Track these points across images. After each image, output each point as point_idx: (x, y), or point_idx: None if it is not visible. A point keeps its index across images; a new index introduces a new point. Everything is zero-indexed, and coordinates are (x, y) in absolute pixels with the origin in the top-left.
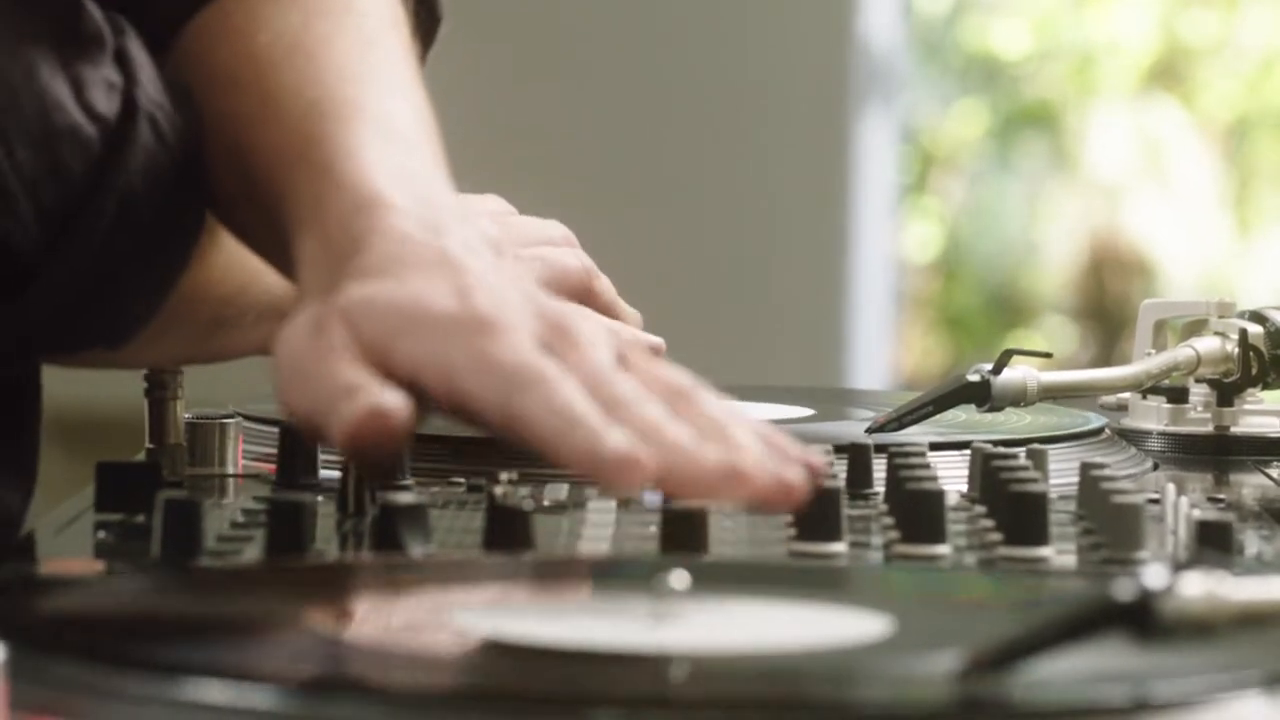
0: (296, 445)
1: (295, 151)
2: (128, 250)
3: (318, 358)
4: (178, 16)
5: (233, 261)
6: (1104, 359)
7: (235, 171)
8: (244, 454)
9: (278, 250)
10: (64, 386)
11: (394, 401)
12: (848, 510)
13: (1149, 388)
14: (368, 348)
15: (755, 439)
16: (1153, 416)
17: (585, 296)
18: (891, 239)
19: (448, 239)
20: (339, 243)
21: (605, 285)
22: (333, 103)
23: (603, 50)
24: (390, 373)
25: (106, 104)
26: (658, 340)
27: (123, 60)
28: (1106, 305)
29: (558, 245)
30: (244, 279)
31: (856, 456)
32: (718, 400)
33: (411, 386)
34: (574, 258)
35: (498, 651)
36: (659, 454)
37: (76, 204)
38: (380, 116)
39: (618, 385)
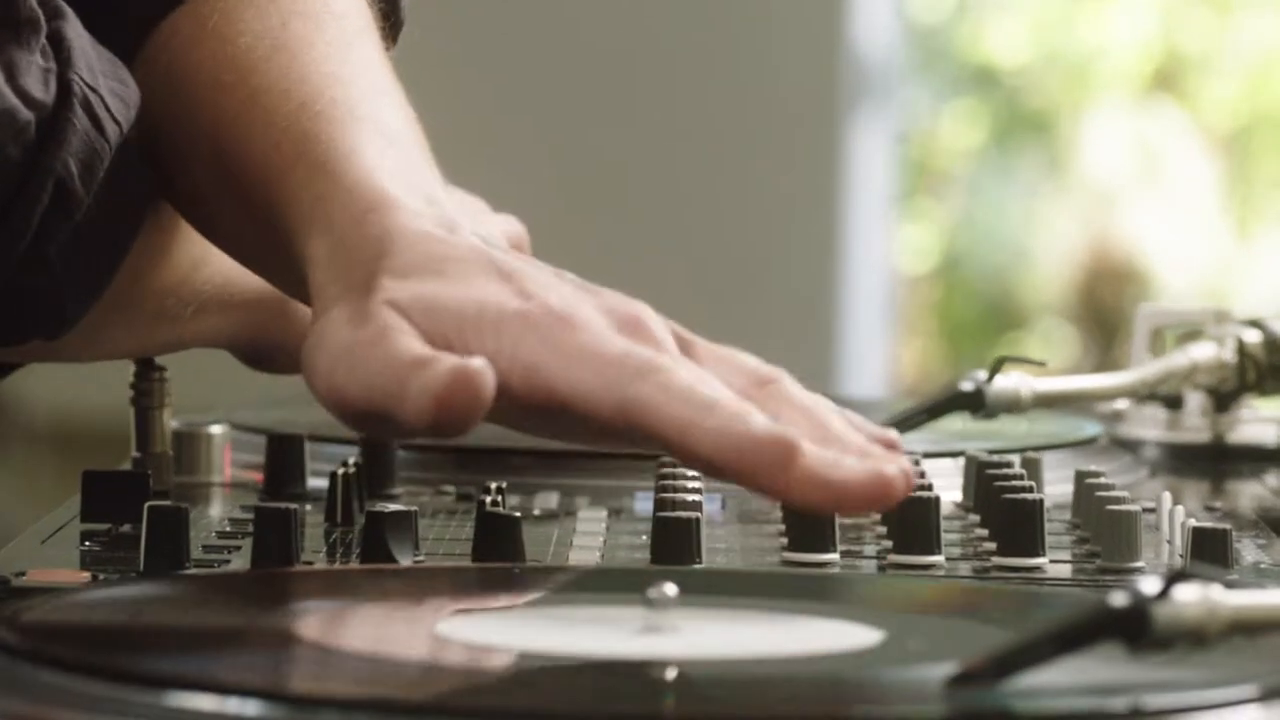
0: (284, 454)
1: (290, 152)
2: (65, 237)
3: (371, 342)
4: (150, 16)
5: (174, 251)
6: (1103, 366)
7: (217, 173)
8: (231, 462)
9: (267, 252)
10: (52, 395)
11: (479, 363)
12: (840, 520)
13: (1145, 395)
14: (431, 340)
15: (852, 429)
16: (1149, 424)
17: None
18: (887, 245)
19: (470, 237)
20: (356, 244)
21: None
22: (323, 103)
23: (594, 53)
24: None
25: (41, 88)
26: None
27: (58, 43)
28: (1105, 311)
29: (484, 210)
30: (186, 269)
31: None
32: (799, 387)
33: None
34: (498, 219)
35: (485, 663)
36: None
37: (12, 190)
38: (372, 117)
39: (715, 382)
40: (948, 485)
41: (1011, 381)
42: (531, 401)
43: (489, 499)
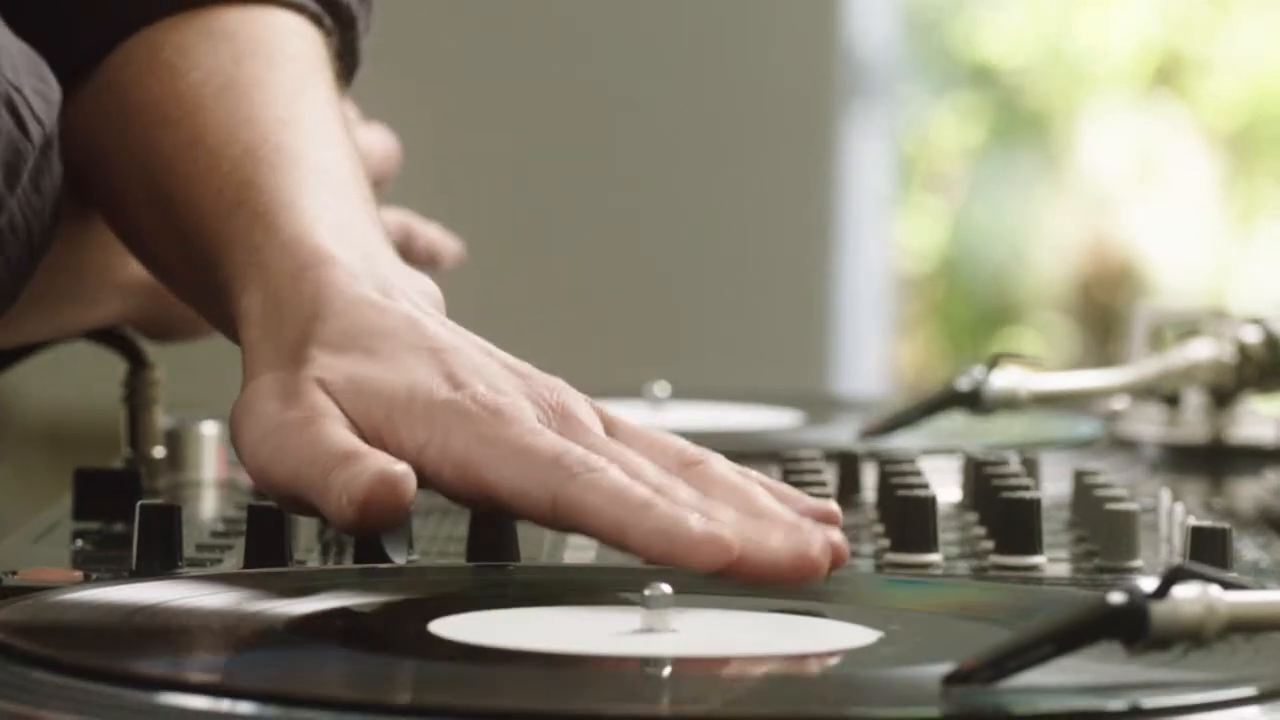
0: None
1: (231, 199)
2: None
3: (300, 425)
4: (99, 46)
5: (89, 238)
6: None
7: (156, 207)
8: (224, 461)
9: (203, 295)
10: (44, 393)
11: (402, 469)
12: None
13: (1144, 393)
14: (360, 427)
15: (781, 505)
16: (1148, 423)
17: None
18: (884, 243)
19: (403, 302)
20: (290, 300)
21: None
22: (268, 149)
23: (587, 50)
24: (390, 452)
25: None
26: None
27: None
28: (1103, 309)
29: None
30: (98, 255)
31: (846, 463)
32: (729, 466)
33: (416, 473)
34: (372, 133)
35: (480, 662)
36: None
37: None
38: (317, 166)
39: (646, 468)
40: (945, 484)
41: (1009, 379)
42: (462, 491)
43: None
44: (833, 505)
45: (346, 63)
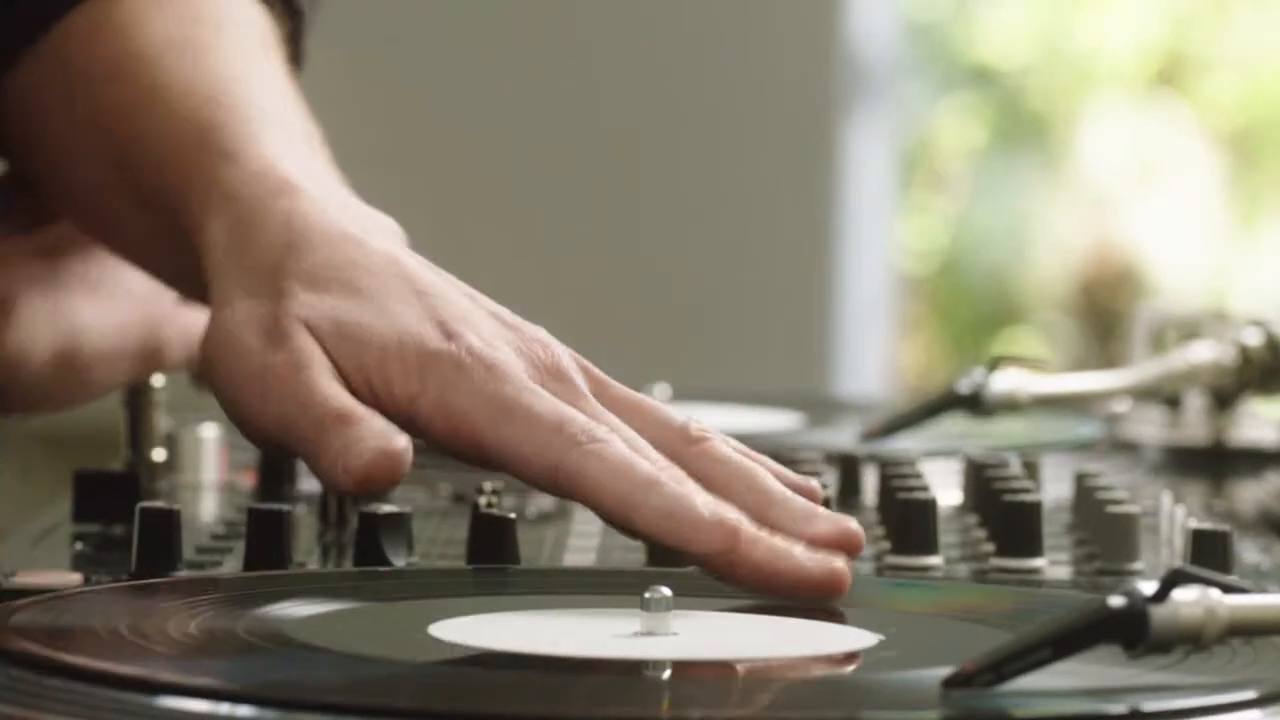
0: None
1: (192, 139)
2: None
3: (287, 371)
4: (49, 15)
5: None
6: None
7: (111, 166)
8: (223, 463)
9: (157, 240)
10: None
11: (403, 442)
12: None
13: (1145, 395)
14: (348, 374)
15: (789, 493)
16: (1148, 425)
17: None
18: (885, 244)
19: (379, 237)
20: (260, 224)
21: None
22: (229, 97)
23: (585, 50)
24: (380, 405)
25: None
26: None
27: None
28: (1104, 311)
29: None
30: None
31: (847, 465)
32: (731, 445)
33: (407, 423)
34: None
35: (480, 666)
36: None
37: None
38: (276, 115)
39: (646, 444)
40: (946, 486)
41: (1010, 381)
42: (453, 445)
43: (484, 500)
44: (814, 482)
45: (291, 52)
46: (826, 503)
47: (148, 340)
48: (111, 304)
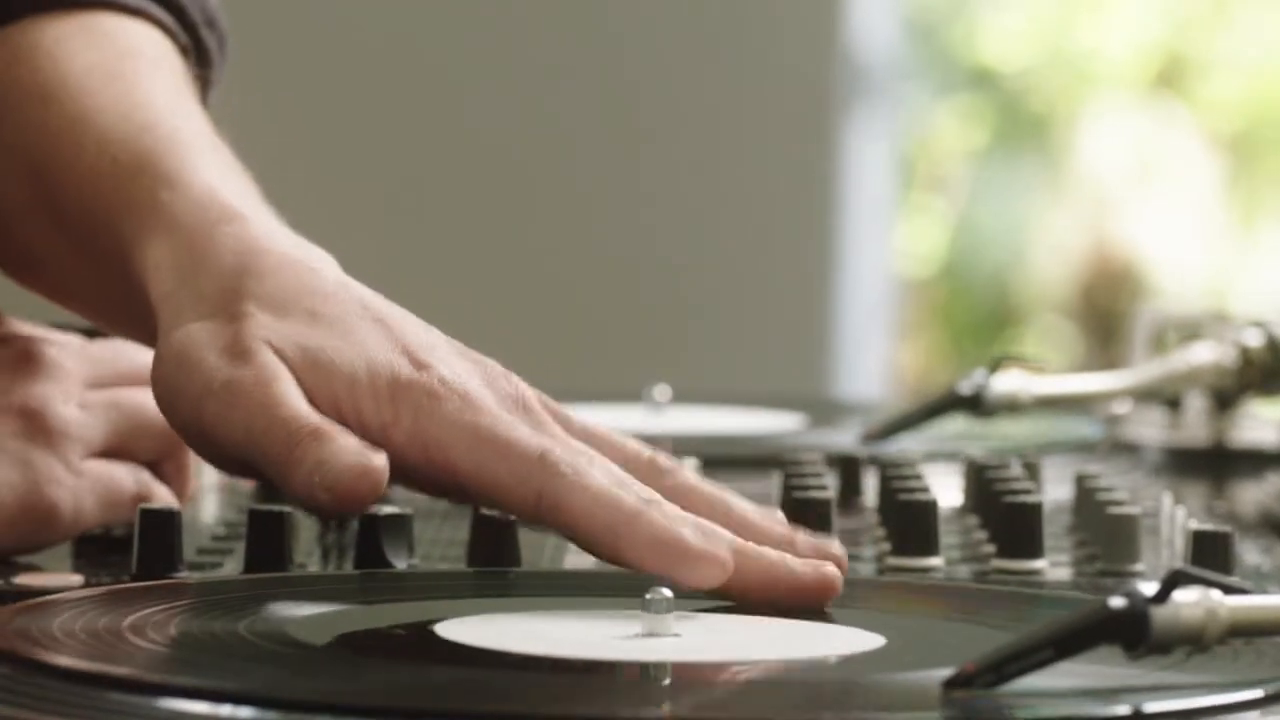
0: None
1: (129, 166)
2: None
3: (257, 386)
4: None
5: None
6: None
7: (28, 182)
8: None
9: (75, 265)
10: None
11: (382, 460)
12: (839, 522)
13: (1145, 397)
14: (317, 401)
15: (758, 513)
16: (1149, 426)
17: (175, 447)
18: (885, 246)
19: (332, 268)
20: (208, 252)
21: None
22: (164, 128)
23: (582, 51)
24: (350, 428)
25: None
26: None
27: None
28: (1105, 312)
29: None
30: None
31: (847, 467)
32: (698, 477)
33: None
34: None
35: (481, 667)
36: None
37: None
38: (211, 148)
39: (624, 474)
40: (946, 487)
41: (1010, 383)
42: (429, 475)
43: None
44: (778, 513)
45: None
46: (825, 504)
47: (28, 505)
48: None
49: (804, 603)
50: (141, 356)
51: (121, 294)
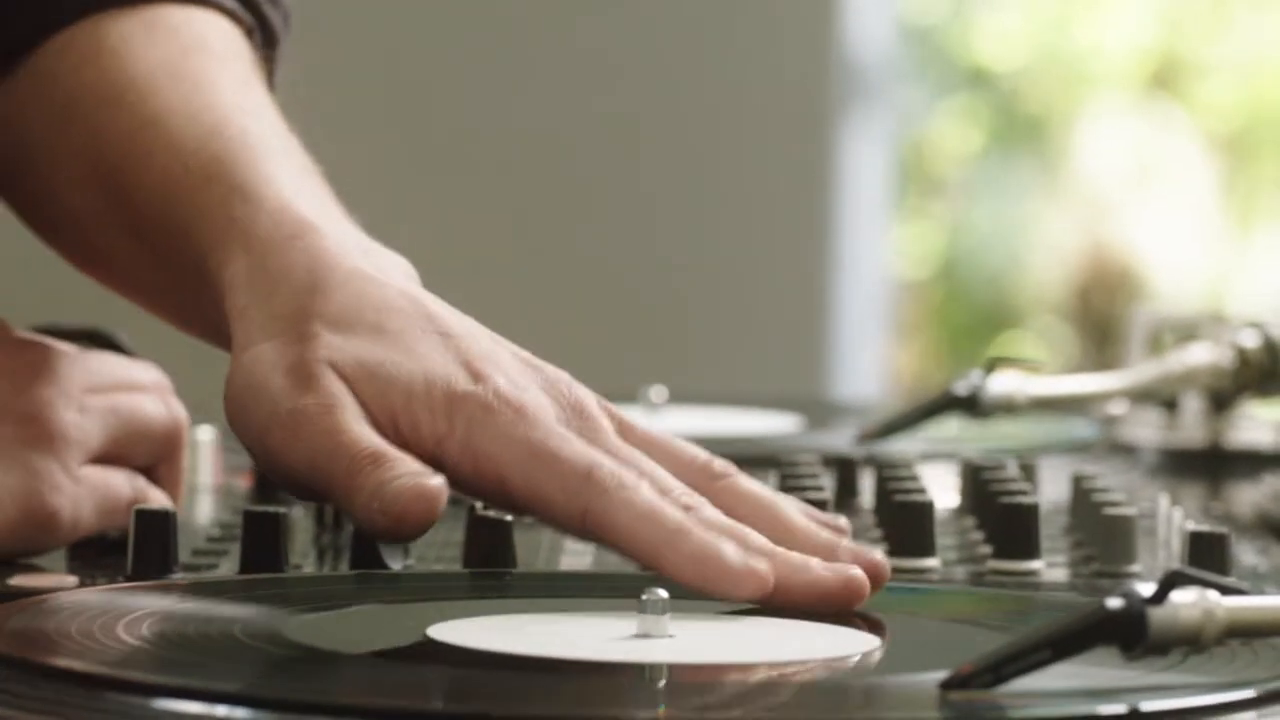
0: None
1: (200, 173)
2: None
3: (319, 414)
4: (33, 35)
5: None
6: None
7: (100, 187)
8: (219, 466)
9: (148, 269)
10: None
11: (438, 482)
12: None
13: (1142, 398)
14: (375, 415)
15: (810, 521)
16: (1146, 427)
17: (171, 452)
18: (881, 248)
19: (396, 276)
20: (281, 268)
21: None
22: (233, 129)
23: (579, 53)
24: (407, 446)
25: None
26: None
27: None
28: (1102, 314)
29: (145, 390)
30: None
31: (844, 468)
32: (753, 482)
33: (433, 464)
34: (159, 405)
35: (476, 668)
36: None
37: None
38: (283, 149)
39: (673, 483)
40: (943, 488)
41: (1007, 384)
42: (481, 487)
43: (480, 503)
44: (843, 519)
45: (268, 79)
46: (821, 506)
47: (28, 510)
48: None
49: (830, 607)
50: (136, 364)
51: (195, 301)
